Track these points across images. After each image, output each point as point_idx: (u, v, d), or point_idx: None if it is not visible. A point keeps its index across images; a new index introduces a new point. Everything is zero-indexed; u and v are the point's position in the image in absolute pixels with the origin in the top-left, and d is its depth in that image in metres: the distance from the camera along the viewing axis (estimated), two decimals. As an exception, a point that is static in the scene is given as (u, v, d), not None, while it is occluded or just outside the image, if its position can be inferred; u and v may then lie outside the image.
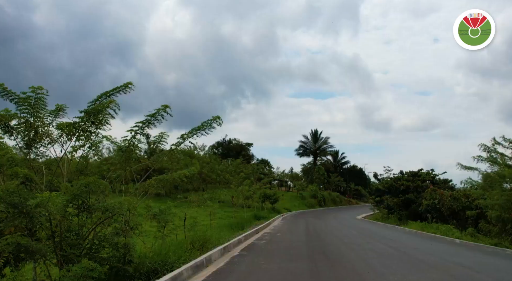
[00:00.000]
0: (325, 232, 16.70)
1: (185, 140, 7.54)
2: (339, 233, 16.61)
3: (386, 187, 25.87)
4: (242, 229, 18.08)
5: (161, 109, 7.17)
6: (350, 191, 74.27)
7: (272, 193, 33.88)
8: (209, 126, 7.53)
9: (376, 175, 31.84)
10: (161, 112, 7.18)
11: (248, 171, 39.57)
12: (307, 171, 73.32)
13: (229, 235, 13.50)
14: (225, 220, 22.30)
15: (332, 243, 12.85)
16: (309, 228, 18.20)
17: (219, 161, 45.85)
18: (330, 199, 60.56)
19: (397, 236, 16.87)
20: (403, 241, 14.55)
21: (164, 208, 8.86)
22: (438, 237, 15.94)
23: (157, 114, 7.19)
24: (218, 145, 72.74)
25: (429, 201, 22.00)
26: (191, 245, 9.57)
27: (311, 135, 71.69)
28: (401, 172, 29.49)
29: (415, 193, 24.79)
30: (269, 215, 27.80)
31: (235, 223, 18.69)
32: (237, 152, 67.63)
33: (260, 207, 33.27)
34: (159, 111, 7.17)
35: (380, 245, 12.57)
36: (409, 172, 27.00)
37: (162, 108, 7.17)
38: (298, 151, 72.30)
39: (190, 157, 42.79)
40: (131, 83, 7.05)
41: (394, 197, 25.37)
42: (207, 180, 39.78)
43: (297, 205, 47.41)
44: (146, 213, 8.61)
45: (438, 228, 18.37)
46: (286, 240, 13.70)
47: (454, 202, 20.45)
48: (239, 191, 20.53)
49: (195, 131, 7.48)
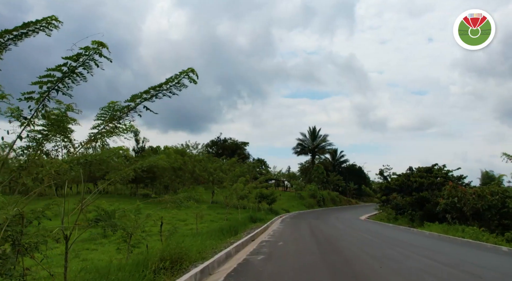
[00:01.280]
0: (336, 239, 13.73)
1: (136, 106, 4.77)
2: (355, 240, 13.69)
3: (397, 184, 23.22)
4: (235, 234, 15.40)
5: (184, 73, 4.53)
6: (349, 190, 71.69)
7: (269, 193, 31.17)
8: (177, 83, 4.80)
9: (382, 172, 29.20)
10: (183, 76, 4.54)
11: (243, 169, 36.81)
12: (305, 170, 70.76)
13: (217, 244, 10.76)
14: (217, 223, 19.60)
15: (356, 257, 9.37)
16: (315, 234, 15.28)
17: (213, 159, 43.11)
18: (330, 199, 57.98)
19: (426, 243, 13.69)
20: (448, 253, 10.86)
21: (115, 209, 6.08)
22: (475, 244, 13.34)
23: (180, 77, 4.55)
24: (212, 144, 70.00)
25: (448, 199, 19.42)
26: (161, 263, 6.84)
27: (309, 132, 69.02)
28: (410, 169, 26.88)
29: (430, 191, 22.19)
30: (266, 216, 25.12)
31: (227, 226, 15.99)
32: (232, 151, 64.95)
33: (257, 208, 30.58)
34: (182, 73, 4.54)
35: (427, 261, 8.97)
36: (421, 168, 24.39)
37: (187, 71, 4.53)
38: (295, 149, 69.60)
39: (182, 155, 40.11)
40: (55, 18, 4.12)
41: (406, 195, 22.74)
42: (200, 179, 37.03)
43: (296, 206, 44.75)
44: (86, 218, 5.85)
45: (464, 231, 15.77)
46: (292, 253, 10.00)
47: (479, 201, 17.88)
48: (233, 189, 17.83)
49: (154, 90, 4.72)
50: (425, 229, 19.17)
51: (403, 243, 12.71)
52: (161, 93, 4.78)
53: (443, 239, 15.13)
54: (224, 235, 14.59)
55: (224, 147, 68.39)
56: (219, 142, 70.03)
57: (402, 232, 18.91)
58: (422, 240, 14.47)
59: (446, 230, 16.84)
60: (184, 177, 36.44)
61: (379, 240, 13.41)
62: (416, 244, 12.88)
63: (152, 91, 4.71)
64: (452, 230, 16.50)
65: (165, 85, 4.73)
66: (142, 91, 4.67)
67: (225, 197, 18.31)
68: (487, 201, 17.60)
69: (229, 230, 15.39)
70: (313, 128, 68.93)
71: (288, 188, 64.78)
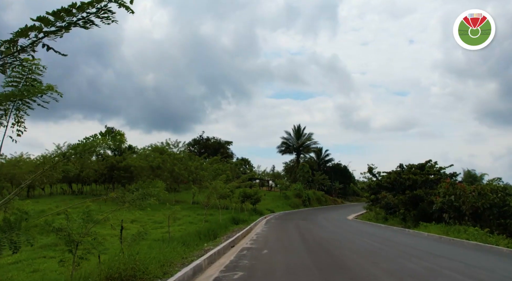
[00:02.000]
0: (333, 245, 11.44)
1: (33, 45, 2.89)
2: (356, 246, 11.29)
3: (388, 182, 21.75)
4: (214, 238, 13.60)
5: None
6: (334, 190, 70.54)
7: (253, 193, 29.36)
8: (101, 9, 2.95)
9: (371, 169, 27.79)
10: None
11: (226, 168, 34.96)
12: (290, 169, 69.28)
13: (189, 252, 8.92)
14: (196, 225, 17.77)
15: (370, 276, 6.92)
16: (306, 238, 13.38)
17: (194, 158, 41.07)
18: (315, 199, 56.55)
19: (441, 249, 11.64)
20: (484, 265, 8.68)
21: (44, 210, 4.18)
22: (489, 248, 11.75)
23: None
24: (194, 143, 67.81)
25: (445, 198, 18.04)
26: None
27: (294, 131, 67.53)
28: (400, 166, 25.47)
29: (424, 188, 20.81)
30: (249, 217, 23.36)
31: (205, 229, 14.17)
32: (215, 150, 62.88)
33: (240, 208, 28.77)
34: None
35: (460, 277, 6.93)
36: (413, 165, 22.98)
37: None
38: (280, 148, 68.01)
39: (161, 153, 37.97)
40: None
41: (399, 193, 21.30)
42: (180, 178, 35.00)
43: (281, 206, 43.11)
44: None
45: (466, 231, 14.32)
46: (281, 269, 7.49)
47: (479, 199, 16.51)
48: (212, 188, 15.98)
49: (57, 18, 2.85)
50: (421, 230, 17.73)
51: (416, 251, 10.64)
52: (73, 23, 2.94)
53: (452, 243, 13.39)
54: (201, 239, 12.77)
55: (206, 146, 66.29)
56: (201, 141, 67.89)
57: (399, 233, 17.42)
58: (434, 246, 12.42)
59: (446, 231, 15.38)
60: (163, 176, 34.32)
61: (384, 246, 11.47)
62: (434, 252, 10.45)
63: (56, 21, 2.85)
64: (453, 231, 15.05)
65: (80, 10, 2.89)
66: (40, 17, 2.80)
67: (208, 198, 16.42)
68: (488, 199, 16.24)
69: (207, 234, 13.58)
70: (298, 126, 67.58)
71: (273, 188, 63.19)
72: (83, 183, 39.49)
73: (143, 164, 35.12)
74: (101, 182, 39.16)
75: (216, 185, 15.89)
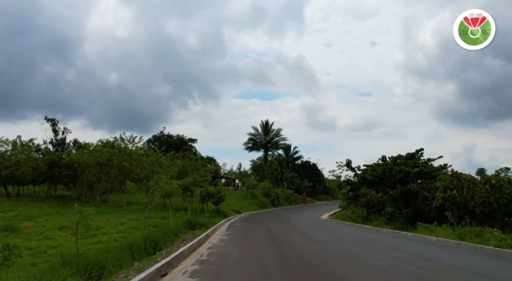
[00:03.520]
0: (334, 268, 7.17)
1: None
2: (371, 270, 6.97)
3: (375, 175, 18.36)
4: (153, 252, 9.55)
5: None
6: (304, 188, 67.55)
7: (216, 191, 25.30)
8: None
9: (349, 163, 24.47)
10: None
11: (186, 164, 30.64)
12: (257, 167, 65.64)
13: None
14: (139, 232, 13.52)
15: None
16: (285, 253, 9.02)
17: (151, 153, 36.42)
18: (284, 198, 53.16)
19: (482, 263, 8.17)
20: None
21: None
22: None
23: None
24: (154, 139, 62.62)
25: (446, 193, 14.82)
26: None
27: (262, 126, 63.81)
28: (383, 158, 22.19)
29: (418, 182, 17.60)
30: (210, 220, 19.33)
31: (142, 240, 10.08)
32: (177, 147, 58.08)
33: (200, 209, 24.63)
34: None
35: None
36: (400, 156, 19.70)
37: None
38: (247, 144, 64.04)
39: (112, 148, 33.06)
40: None
41: (389, 188, 17.93)
42: (131, 176, 30.30)
43: (248, 206, 39.25)
44: None
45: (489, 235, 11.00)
46: None
47: (492, 193, 13.36)
48: (154, 183, 11.78)
49: None
50: (421, 233, 14.38)
51: (471, 275, 6.56)
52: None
53: (483, 253, 9.65)
54: (133, 255, 8.68)
55: (168, 143, 61.31)
56: (162, 138, 62.81)
57: (398, 238, 13.91)
58: (473, 260, 8.46)
59: (460, 235, 12.00)
60: (112, 173, 29.55)
61: (409, 266, 7.31)
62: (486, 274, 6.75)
63: None
64: (469, 234, 11.70)
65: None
66: None
67: (148, 195, 12.22)
68: (503, 193, 13.10)
69: (142, 247, 9.48)
70: (266, 121, 63.92)
71: (240, 187, 59.27)
72: (20, 183, 33.69)
73: (88, 161, 30.12)
74: (41, 181, 33.60)
75: (159, 179, 11.71)
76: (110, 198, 30.68)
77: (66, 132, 38.35)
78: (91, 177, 30.57)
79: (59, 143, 37.40)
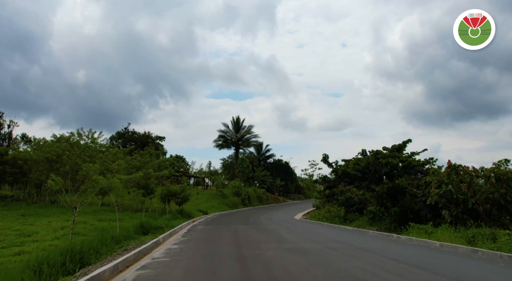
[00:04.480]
0: None
1: None
2: None
3: (359, 169, 16.24)
4: (73, 271, 6.89)
5: None
6: (276, 187, 65.50)
7: (180, 190, 22.54)
8: None
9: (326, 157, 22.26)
10: None
11: (146, 160, 27.62)
12: (228, 166, 62.92)
13: None
14: (82, 238, 10.67)
15: None
16: (250, 274, 6.20)
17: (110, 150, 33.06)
18: (256, 197, 50.78)
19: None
20: None
21: None
22: None
23: None
24: (118, 136, 58.71)
25: (441, 189, 12.85)
26: None
27: (233, 123, 61.11)
28: (363, 153, 20.14)
29: (406, 177, 15.62)
30: (170, 222, 16.63)
31: (71, 251, 7.42)
32: (143, 144, 54.57)
33: (161, 210, 21.84)
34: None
35: None
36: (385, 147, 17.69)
37: None
38: (217, 142, 61.09)
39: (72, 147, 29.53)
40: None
41: (374, 184, 15.83)
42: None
43: (217, 206, 36.59)
44: None
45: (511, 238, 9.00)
46: None
47: (498, 188, 11.47)
48: (83, 174, 9.05)
49: None
50: (414, 235, 12.32)
51: None
52: None
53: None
54: (39, 277, 6.07)
55: (132, 139, 57.67)
56: (126, 134, 59.03)
57: (395, 244, 11.71)
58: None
59: (468, 238, 9.95)
60: (62, 170, 26.20)
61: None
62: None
63: None
64: (480, 237, 9.67)
65: None
66: None
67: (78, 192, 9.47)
68: (511, 187, 11.22)
69: (59, 264, 6.82)
70: (237, 118, 61.25)
71: (209, 186, 56.42)
72: None
73: (35, 157, 26.60)
74: None
75: (89, 169, 8.99)
76: (61, 198, 27.28)
77: (13, 126, 34.26)
78: (39, 175, 27.12)
79: (4, 137, 33.36)
